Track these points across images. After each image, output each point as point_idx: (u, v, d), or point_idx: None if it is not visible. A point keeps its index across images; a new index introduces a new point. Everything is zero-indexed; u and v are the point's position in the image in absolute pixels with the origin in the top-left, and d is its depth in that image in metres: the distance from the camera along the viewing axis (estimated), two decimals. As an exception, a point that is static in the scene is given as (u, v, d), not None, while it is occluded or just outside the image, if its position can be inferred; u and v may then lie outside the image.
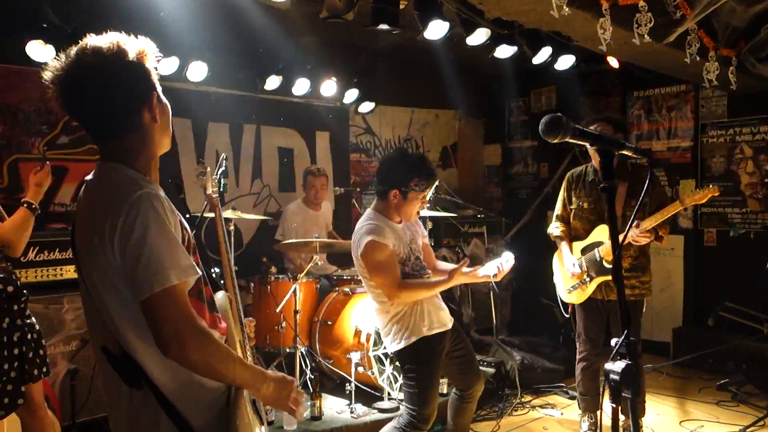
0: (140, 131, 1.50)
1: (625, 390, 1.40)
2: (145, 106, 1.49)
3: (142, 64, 1.49)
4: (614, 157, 1.53)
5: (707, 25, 4.16)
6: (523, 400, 4.70)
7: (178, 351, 1.35)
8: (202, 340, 1.38)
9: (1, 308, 2.73)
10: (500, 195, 7.53)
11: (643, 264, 3.69)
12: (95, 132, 1.52)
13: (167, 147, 1.60)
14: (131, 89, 1.47)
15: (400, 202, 3.03)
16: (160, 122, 1.53)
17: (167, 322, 1.35)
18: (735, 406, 4.56)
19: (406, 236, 3.14)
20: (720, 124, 5.72)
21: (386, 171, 3.10)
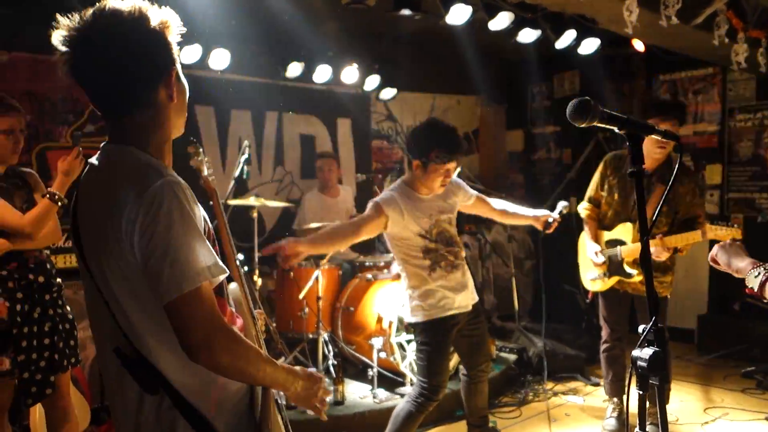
0: (155, 109, 1.37)
1: (652, 377, 1.39)
2: (162, 81, 1.36)
3: (164, 35, 1.36)
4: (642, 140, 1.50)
5: (736, 6, 4.08)
6: (546, 386, 4.69)
7: (207, 356, 1.25)
8: (232, 342, 1.29)
9: (32, 298, 2.75)
10: (522, 181, 7.48)
11: (665, 266, 3.59)
12: (105, 105, 1.38)
13: (181, 131, 1.47)
14: (149, 60, 1.33)
15: (422, 173, 3.03)
16: (177, 101, 1.40)
17: (196, 326, 1.24)
18: (761, 393, 4.51)
19: (434, 208, 3.12)
20: (748, 108, 5.60)
21: (411, 141, 3.15)
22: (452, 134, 3.06)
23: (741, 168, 5.68)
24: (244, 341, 1.33)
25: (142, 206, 1.24)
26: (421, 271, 3.08)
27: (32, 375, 2.73)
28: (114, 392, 1.41)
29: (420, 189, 3.11)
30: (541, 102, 7.23)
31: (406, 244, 3.08)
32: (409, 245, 3.07)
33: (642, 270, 3.43)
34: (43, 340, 2.77)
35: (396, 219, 3.01)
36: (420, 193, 3.11)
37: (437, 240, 3.10)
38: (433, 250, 3.08)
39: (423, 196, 3.11)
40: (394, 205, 3.02)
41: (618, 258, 3.59)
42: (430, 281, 3.07)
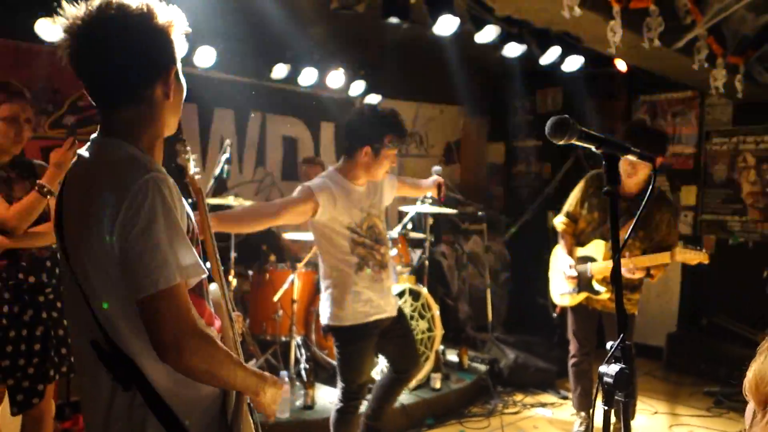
0: (150, 105, 1.37)
1: (617, 393, 1.41)
2: (160, 78, 1.37)
3: (168, 33, 1.37)
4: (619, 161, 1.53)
5: (717, 32, 4.16)
6: (515, 398, 4.73)
7: (176, 356, 1.24)
8: (203, 345, 1.28)
9: (22, 300, 2.58)
10: (501, 193, 7.54)
11: (633, 284, 3.61)
12: (101, 96, 1.38)
13: (173, 129, 1.47)
14: (150, 56, 1.34)
15: (371, 160, 2.88)
16: (172, 100, 1.40)
17: (167, 325, 1.24)
18: (725, 413, 4.58)
19: (366, 201, 2.99)
20: (724, 132, 5.72)
21: (358, 127, 2.93)
22: (400, 118, 2.96)
23: (715, 191, 5.79)
24: (216, 344, 1.32)
25: (126, 200, 1.23)
26: (347, 269, 2.90)
27: (18, 382, 2.55)
28: (87, 386, 1.40)
29: (357, 178, 2.96)
30: (523, 116, 7.30)
31: (333, 237, 2.89)
32: (337, 238, 2.89)
33: (612, 287, 3.50)
34: (33, 345, 2.59)
35: (327, 207, 2.83)
36: (355, 183, 2.95)
37: (367, 235, 2.95)
38: (361, 246, 2.92)
39: (357, 187, 2.96)
40: (326, 191, 2.84)
41: (587, 274, 3.63)
42: (356, 281, 2.90)
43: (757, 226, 5.50)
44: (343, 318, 2.92)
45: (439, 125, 7.27)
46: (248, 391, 1.45)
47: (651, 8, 3.57)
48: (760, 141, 5.50)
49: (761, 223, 5.47)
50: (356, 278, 2.91)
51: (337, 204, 2.87)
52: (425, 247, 4.99)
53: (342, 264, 2.92)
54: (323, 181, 2.91)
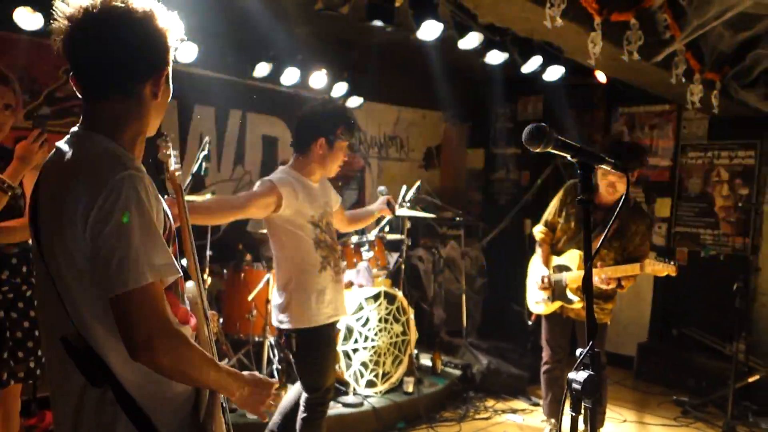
0: (137, 102, 1.39)
1: (585, 400, 1.43)
2: (151, 77, 1.39)
3: (166, 37, 1.41)
4: (594, 170, 1.55)
5: (695, 48, 4.23)
6: (487, 403, 4.75)
7: (148, 355, 1.24)
8: (176, 344, 1.28)
9: None
10: (480, 199, 7.58)
11: (607, 294, 3.65)
12: (91, 86, 1.38)
13: (154, 131, 1.50)
14: (146, 54, 1.37)
15: (326, 153, 2.86)
16: (159, 100, 1.43)
17: (139, 324, 1.23)
18: (693, 422, 4.65)
19: (322, 198, 2.97)
20: (699, 146, 5.83)
21: (310, 120, 2.88)
22: (349, 111, 2.99)
23: (689, 204, 5.89)
24: (188, 343, 1.32)
25: (101, 196, 1.23)
26: (310, 268, 2.84)
27: None
28: (56, 383, 1.38)
29: (312, 173, 2.92)
30: (504, 123, 7.36)
31: (297, 233, 2.83)
32: (301, 235, 2.83)
33: (583, 296, 3.53)
34: None
35: (290, 199, 2.79)
36: (310, 180, 2.93)
37: (327, 231, 2.92)
38: (323, 244, 2.88)
39: (312, 183, 2.94)
40: (288, 184, 2.79)
41: (562, 284, 3.67)
42: (319, 281, 2.84)
43: (729, 239, 5.61)
44: (308, 320, 2.84)
45: (420, 130, 7.30)
46: (222, 391, 1.45)
47: (631, 22, 3.62)
48: (734, 156, 5.61)
49: (732, 237, 5.58)
50: (319, 278, 2.85)
51: (299, 197, 2.83)
52: (402, 251, 5.00)
53: (305, 263, 2.85)
54: (284, 175, 2.86)
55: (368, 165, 6.82)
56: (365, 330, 4.23)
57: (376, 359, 4.31)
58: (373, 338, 4.28)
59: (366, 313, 4.24)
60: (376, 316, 4.31)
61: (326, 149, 2.86)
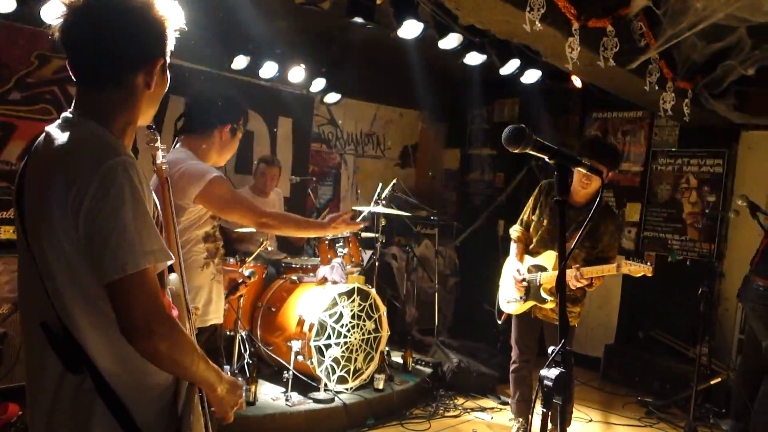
0: (129, 90, 1.38)
1: (556, 396, 1.45)
2: (145, 66, 1.38)
3: (163, 26, 1.40)
4: (570, 172, 1.58)
5: (668, 57, 4.33)
6: (457, 401, 4.79)
7: (145, 340, 1.24)
8: (173, 330, 1.28)
9: None
10: (455, 199, 7.63)
11: (577, 297, 3.73)
12: (85, 72, 1.37)
13: (148, 121, 1.49)
14: (141, 42, 1.37)
15: (227, 140, 2.69)
16: (153, 91, 1.42)
17: (137, 309, 1.23)
18: (656, 423, 4.76)
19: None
20: (670, 153, 5.95)
21: (215, 105, 2.68)
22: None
23: (658, 209, 6.01)
24: (182, 331, 1.32)
25: (94, 182, 1.22)
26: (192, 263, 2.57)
27: None
28: (34, 369, 1.36)
29: (208, 159, 2.68)
30: (480, 124, 7.41)
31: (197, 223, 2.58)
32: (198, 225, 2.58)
33: (557, 296, 3.58)
34: None
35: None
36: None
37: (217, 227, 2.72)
38: (211, 238, 2.65)
39: None
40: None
41: (536, 283, 3.71)
42: (199, 277, 2.60)
43: (695, 245, 5.74)
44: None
45: (398, 128, 7.31)
46: (206, 384, 1.45)
47: (608, 29, 3.68)
48: (703, 164, 5.74)
49: (699, 243, 5.71)
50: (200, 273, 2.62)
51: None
52: (376, 248, 5.01)
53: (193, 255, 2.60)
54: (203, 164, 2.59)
55: (344, 161, 6.81)
56: (338, 326, 4.23)
57: (347, 355, 4.32)
58: (346, 334, 4.28)
59: (339, 309, 4.24)
60: (349, 313, 4.31)
61: (228, 137, 2.70)
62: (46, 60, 4.51)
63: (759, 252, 4.39)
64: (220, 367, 1.54)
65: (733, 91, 4.92)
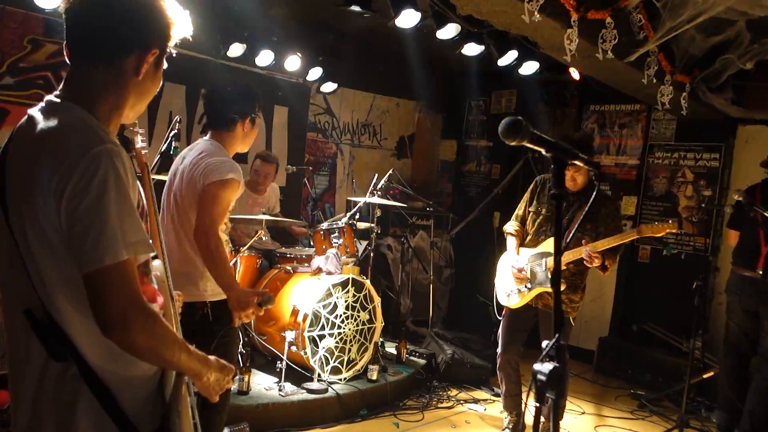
0: (118, 73, 1.37)
1: (549, 391, 1.44)
2: (138, 52, 1.38)
3: (167, 22, 1.42)
4: (566, 166, 1.56)
5: (667, 50, 4.30)
6: (450, 393, 4.80)
7: (121, 333, 1.22)
8: (150, 323, 1.26)
9: None
10: (451, 191, 7.62)
11: (576, 284, 3.71)
12: (78, 48, 1.37)
13: (136, 114, 1.48)
14: (141, 28, 1.37)
15: (248, 131, 2.86)
16: (140, 79, 1.40)
17: (113, 301, 1.21)
18: (648, 416, 4.78)
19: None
20: (666, 147, 5.94)
21: (235, 98, 2.83)
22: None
23: (654, 203, 6.00)
24: (162, 323, 1.30)
25: (78, 169, 1.21)
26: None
27: None
28: (16, 357, 1.34)
29: (234, 151, 2.86)
30: (477, 116, 7.39)
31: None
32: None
33: (565, 281, 3.58)
34: None
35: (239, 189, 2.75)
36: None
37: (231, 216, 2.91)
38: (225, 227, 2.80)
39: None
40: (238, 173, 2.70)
41: (543, 269, 3.67)
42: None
43: (691, 239, 5.74)
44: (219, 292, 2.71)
45: (394, 118, 7.28)
46: (190, 373, 1.43)
47: (607, 20, 3.65)
48: (699, 158, 5.73)
49: (694, 237, 5.71)
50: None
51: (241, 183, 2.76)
52: (371, 239, 5.00)
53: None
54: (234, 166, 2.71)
55: (340, 151, 6.78)
56: (332, 317, 4.22)
57: (341, 346, 4.31)
58: (340, 325, 4.27)
59: (333, 299, 4.23)
60: (344, 303, 4.30)
61: (249, 127, 2.86)
62: (39, 45, 4.46)
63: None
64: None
65: (730, 85, 4.90)
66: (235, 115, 2.79)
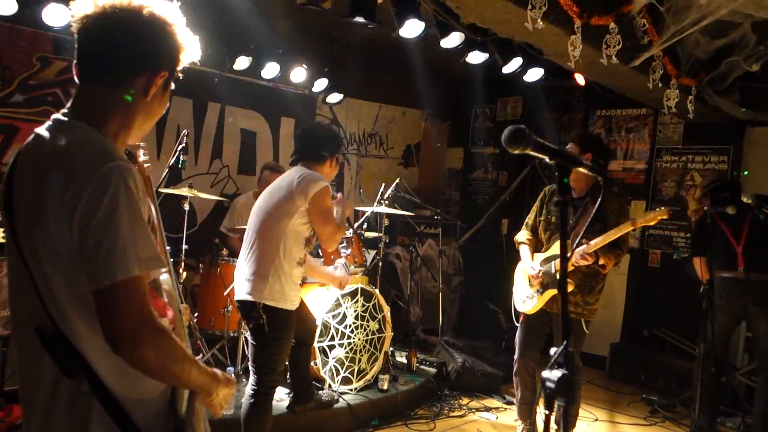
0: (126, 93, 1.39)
1: (558, 399, 1.44)
2: (148, 73, 1.39)
3: (178, 47, 1.45)
4: (571, 172, 1.56)
5: (672, 54, 4.30)
6: (461, 401, 4.78)
7: (131, 349, 1.21)
8: (160, 338, 1.25)
9: None
10: (458, 198, 7.61)
11: (591, 285, 3.66)
12: (89, 66, 1.37)
13: (143, 133, 1.49)
14: (152, 50, 1.39)
15: (334, 168, 3.38)
16: (149, 100, 1.41)
17: (124, 317, 1.21)
18: (661, 422, 4.73)
19: None
20: (674, 150, 5.92)
21: (329, 138, 3.37)
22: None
23: (663, 207, 5.95)
24: (172, 339, 1.29)
25: (89, 185, 1.21)
26: (293, 259, 3.15)
27: None
28: (27, 374, 1.35)
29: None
30: (483, 123, 7.40)
31: (303, 225, 3.16)
32: (303, 228, 3.16)
33: (576, 280, 3.56)
34: None
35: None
36: None
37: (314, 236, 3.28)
38: (309, 243, 3.22)
39: None
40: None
41: (552, 271, 3.66)
42: (297, 273, 3.18)
43: (701, 243, 5.69)
44: (283, 301, 3.11)
45: (400, 127, 7.30)
46: (200, 390, 1.42)
47: (611, 26, 3.66)
48: (707, 161, 5.70)
49: (704, 240, 5.66)
50: (297, 271, 3.19)
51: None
52: (380, 248, 5.00)
53: (292, 254, 3.14)
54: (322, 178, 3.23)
55: (347, 161, 6.80)
56: (342, 327, 4.22)
57: (351, 356, 4.31)
58: (350, 335, 4.27)
59: (343, 310, 4.23)
60: (353, 313, 4.30)
61: (335, 164, 3.38)
62: (48, 62, 4.52)
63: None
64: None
65: (737, 87, 4.89)
66: (326, 154, 3.30)
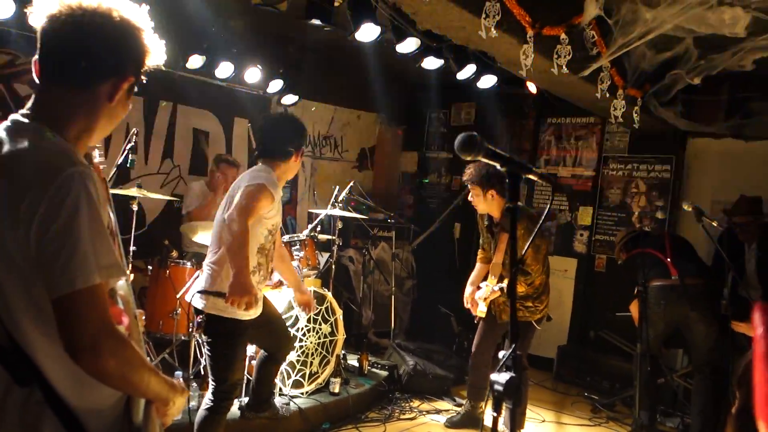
0: (92, 96, 1.36)
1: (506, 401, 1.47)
2: (115, 78, 1.37)
3: (145, 53, 1.42)
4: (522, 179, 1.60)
5: (619, 65, 4.44)
6: (412, 404, 4.81)
7: (92, 358, 1.20)
8: (120, 347, 1.24)
9: None
10: (412, 202, 7.67)
11: (529, 294, 3.99)
12: (53, 69, 1.33)
13: (102, 135, 1.45)
14: (121, 55, 1.37)
15: (297, 162, 3.14)
16: (114, 105, 1.39)
17: (84, 326, 1.19)
18: (605, 422, 4.87)
19: (280, 208, 3.11)
20: (620, 159, 6.11)
21: (291, 132, 3.12)
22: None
23: (609, 213, 6.16)
24: (132, 347, 1.27)
25: (48, 191, 1.18)
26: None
27: None
28: None
29: (282, 181, 3.08)
30: (437, 128, 7.48)
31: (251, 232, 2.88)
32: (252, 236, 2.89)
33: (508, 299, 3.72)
34: None
35: (275, 203, 2.95)
36: (280, 187, 3.05)
37: (272, 242, 3.07)
38: (264, 251, 3.01)
39: (280, 191, 3.05)
40: (274, 188, 2.91)
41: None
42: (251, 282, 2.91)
43: (644, 248, 5.89)
44: (224, 310, 2.87)
45: (355, 130, 7.31)
46: (158, 399, 1.40)
47: (562, 37, 3.76)
48: (651, 170, 5.91)
49: (648, 246, 5.86)
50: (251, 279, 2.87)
51: (275, 202, 2.96)
52: (333, 251, 4.99)
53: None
54: (269, 177, 2.95)
55: (302, 164, 6.76)
56: (294, 330, 4.19)
57: (303, 359, 4.29)
58: (302, 338, 4.25)
59: (295, 312, 4.21)
60: (305, 316, 4.28)
61: (298, 161, 3.14)
62: (-10, 55, 4.35)
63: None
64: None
65: (680, 100, 5.08)
66: (289, 145, 3.04)
